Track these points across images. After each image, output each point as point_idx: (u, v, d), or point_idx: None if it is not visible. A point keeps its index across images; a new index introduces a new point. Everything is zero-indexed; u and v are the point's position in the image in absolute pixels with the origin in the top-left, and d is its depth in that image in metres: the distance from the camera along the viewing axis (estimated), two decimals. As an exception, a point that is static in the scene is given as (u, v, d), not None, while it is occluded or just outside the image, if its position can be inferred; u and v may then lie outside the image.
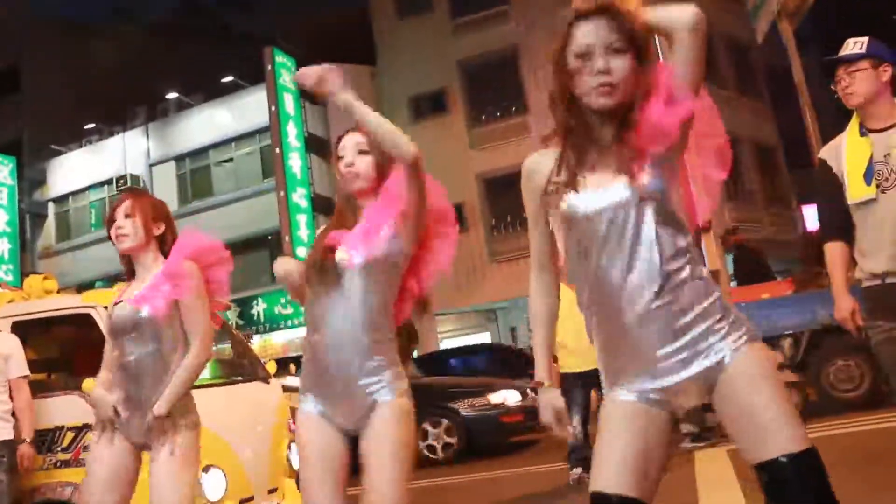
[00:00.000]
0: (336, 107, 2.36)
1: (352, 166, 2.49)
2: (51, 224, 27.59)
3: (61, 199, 27.50)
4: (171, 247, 3.06)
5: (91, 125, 27.40)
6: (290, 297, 2.67)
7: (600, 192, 1.79)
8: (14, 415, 4.63)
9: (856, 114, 3.20)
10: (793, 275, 8.73)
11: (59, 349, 5.94)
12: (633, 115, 1.79)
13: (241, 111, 24.13)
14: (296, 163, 21.93)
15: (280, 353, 20.43)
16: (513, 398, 9.60)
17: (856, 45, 3.18)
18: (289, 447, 5.60)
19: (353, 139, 2.53)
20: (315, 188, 22.01)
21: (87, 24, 31.40)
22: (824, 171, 3.26)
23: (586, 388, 5.99)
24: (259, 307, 22.66)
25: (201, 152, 25.27)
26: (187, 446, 2.90)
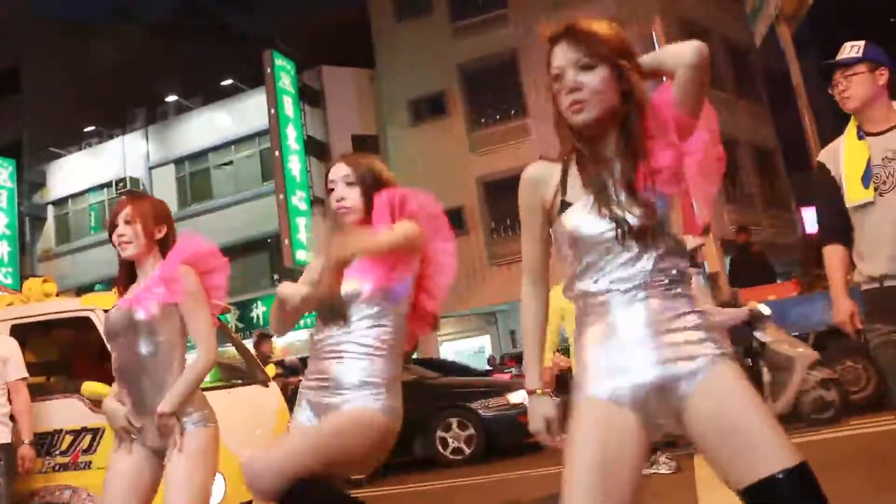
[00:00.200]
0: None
1: (342, 201, 2.55)
2: (50, 227, 27.59)
3: (61, 202, 27.51)
4: (170, 248, 3.05)
5: (90, 128, 27.43)
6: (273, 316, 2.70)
7: (606, 214, 1.80)
8: (13, 418, 4.63)
9: (853, 117, 3.21)
10: (797, 276, 8.71)
11: (58, 352, 5.94)
12: (635, 134, 1.81)
13: (241, 114, 24.16)
14: (295, 166, 21.94)
15: (280, 356, 20.40)
16: None
17: (852, 49, 3.19)
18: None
19: (340, 171, 2.58)
20: (314, 191, 22.01)
21: (87, 24, 31.43)
22: (823, 174, 3.27)
23: None
24: (259, 310, 22.64)
25: (201, 155, 25.29)
26: (199, 446, 2.85)
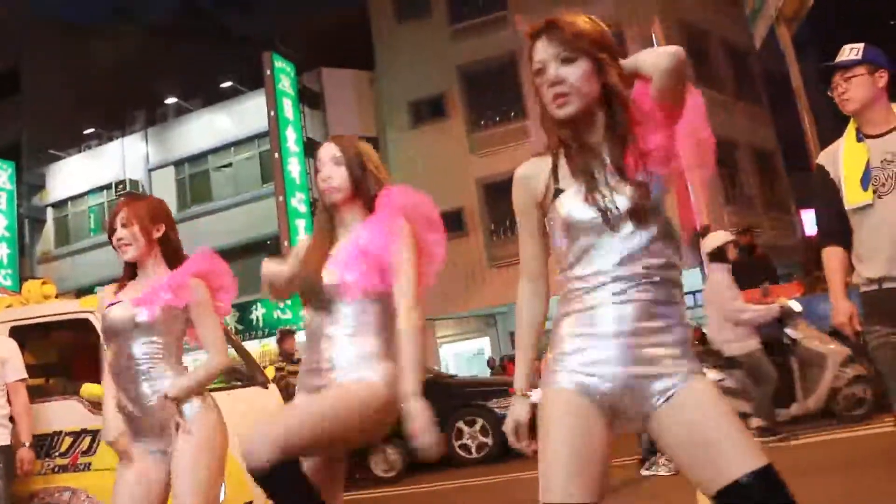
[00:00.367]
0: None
1: (329, 179, 2.53)
2: (49, 229, 27.58)
3: (60, 204, 27.50)
4: (174, 246, 3.08)
5: (90, 130, 27.42)
6: (271, 299, 2.71)
7: (598, 199, 1.80)
8: (12, 419, 4.62)
9: (853, 119, 3.22)
10: (799, 278, 8.70)
11: (57, 354, 5.94)
12: (621, 121, 1.82)
13: (241, 116, 24.16)
14: (295, 168, 21.94)
15: (279, 357, 20.39)
16: None
17: (852, 52, 3.19)
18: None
19: (329, 151, 2.57)
20: (314, 193, 21.98)
21: (87, 26, 31.39)
22: (822, 176, 3.27)
23: None
24: (258, 312, 22.64)
25: (200, 157, 25.29)
26: (203, 434, 2.88)
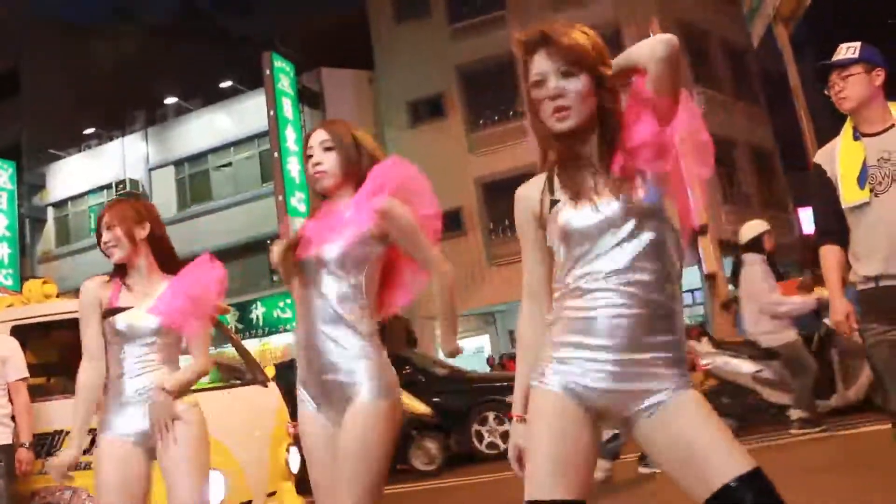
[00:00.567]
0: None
1: (319, 165, 2.50)
2: (50, 228, 27.60)
3: (61, 204, 27.52)
4: (162, 245, 3.12)
5: (90, 130, 27.43)
6: (290, 293, 2.67)
7: (595, 206, 1.80)
8: (13, 419, 4.63)
9: (849, 118, 3.23)
10: (802, 276, 8.63)
11: (58, 353, 5.94)
12: (617, 132, 1.81)
13: (240, 116, 24.17)
14: (294, 167, 21.94)
15: (279, 356, 20.43)
16: None
17: (849, 51, 3.21)
18: (288, 450, 5.61)
19: (319, 137, 2.54)
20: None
21: (87, 26, 31.41)
22: (819, 175, 3.29)
23: None
24: (258, 311, 22.67)
25: (200, 157, 25.31)
26: (195, 432, 2.95)
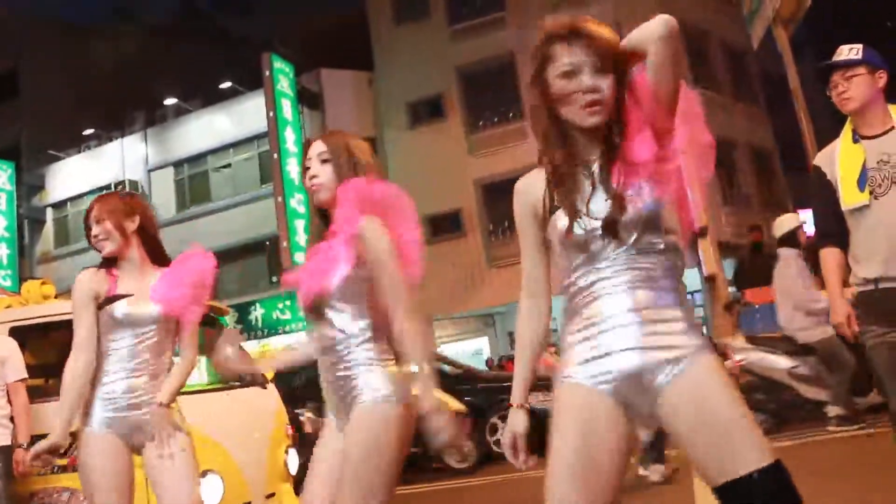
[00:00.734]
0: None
1: (315, 178, 2.51)
2: (49, 229, 27.58)
3: (60, 205, 27.51)
4: (151, 237, 3.15)
5: (89, 130, 27.42)
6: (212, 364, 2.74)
7: (592, 216, 1.80)
8: (12, 420, 4.62)
9: (849, 120, 3.23)
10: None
11: (56, 354, 5.93)
12: (619, 134, 1.81)
13: (240, 117, 24.17)
14: (293, 168, 21.92)
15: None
16: None
17: (851, 52, 3.20)
18: (286, 452, 5.60)
19: (316, 149, 2.55)
20: (313, 193, 21.98)
21: (86, 27, 31.37)
22: (818, 177, 3.29)
23: None
24: (257, 312, 22.64)
25: (199, 158, 25.31)
26: (189, 444, 2.99)
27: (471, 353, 23.23)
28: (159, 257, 3.16)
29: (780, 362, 6.93)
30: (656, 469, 5.83)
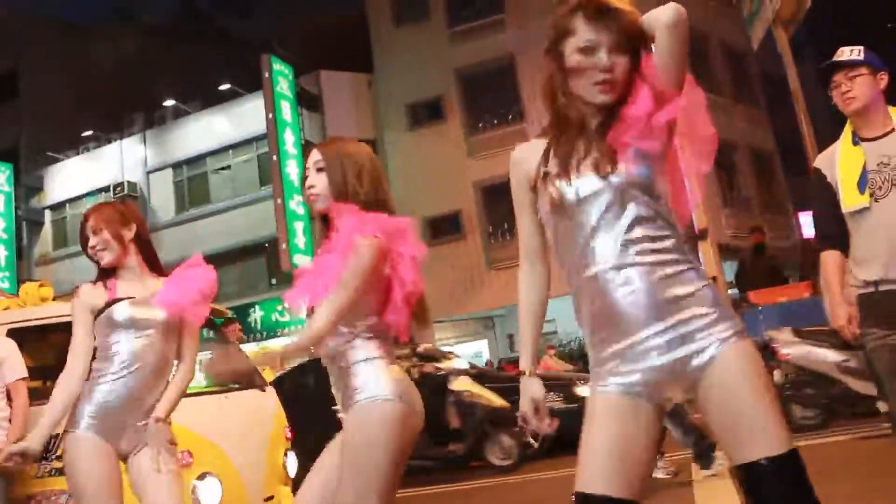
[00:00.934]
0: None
1: (312, 188, 2.53)
2: (47, 231, 27.58)
3: (58, 207, 27.50)
4: (148, 246, 3.15)
5: (88, 132, 27.43)
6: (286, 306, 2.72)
7: (588, 179, 1.81)
8: (10, 421, 4.61)
9: (849, 122, 3.22)
10: (810, 278, 8.56)
11: (55, 357, 5.92)
12: (622, 109, 1.81)
13: (239, 119, 24.17)
14: (293, 170, 21.93)
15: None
16: None
17: (853, 52, 3.20)
18: (285, 455, 5.59)
19: (313, 157, 2.57)
20: (312, 195, 21.98)
21: (85, 28, 31.37)
22: (819, 179, 3.28)
23: None
24: (256, 314, 22.64)
25: (199, 159, 25.31)
26: (175, 455, 3.02)
27: (470, 355, 23.22)
28: (155, 265, 3.17)
29: (829, 356, 6.80)
30: (662, 467, 5.86)
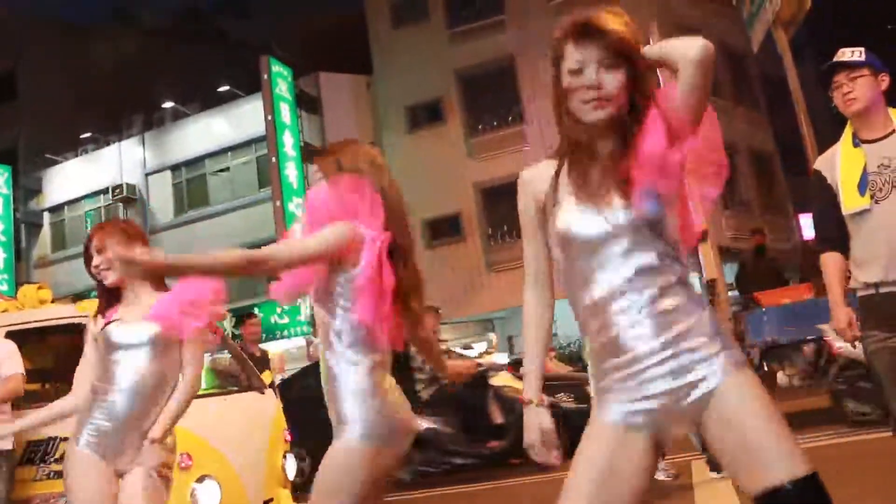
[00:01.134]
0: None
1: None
2: (46, 233, 27.54)
3: (57, 209, 27.48)
4: None
5: (87, 134, 27.41)
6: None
7: (597, 213, 1.79)
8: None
9: (849, 124, 3.21)
10: (812, 280, 8.53)
11: (53, 359, 5.92)
12: (633, 135, 1.79)
13: (238, 120, 24.16)
14: (292, 172, 21.93)
15: (277, 363, 20.36)
16: None
17: (854, 53, 3.19)
18: (284, 457, 5.58)
19: (312, 170, 2.59)
20: (312, 197, 22.00)
21: (85, 30, 31.35)
22: (819, 181, 3.27)
23: None
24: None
25: (197, 161, 25.28)
26: (167, 469, 2.98)
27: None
28: (159, 282, 3.13)
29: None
30: (663, 468, 5.83)
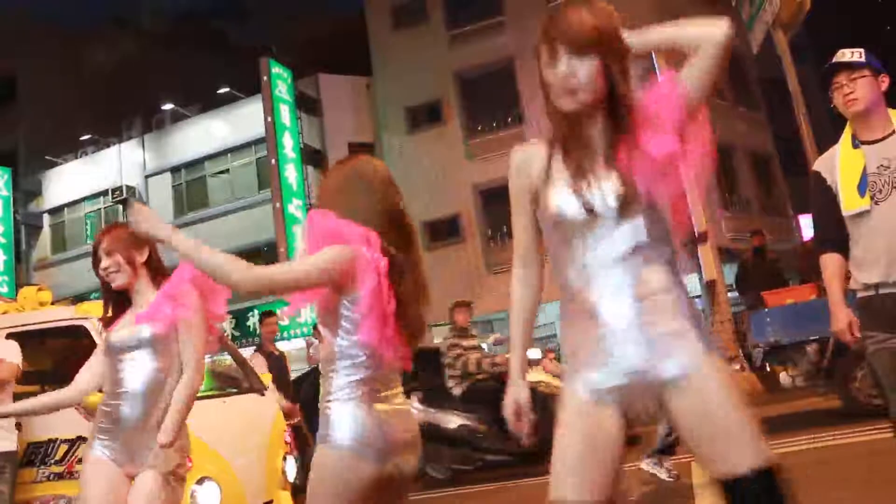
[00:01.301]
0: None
1: None
2: (46, 235, 27.55)
3: (56, 211, 27.48)
4: (160, 267, 3.10)
5: (87, 136, 27.42)
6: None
7: (587, 195, 1.81)
8: (19, 426, 4.63)
9: (848, 125, 3.21)
10: (815, 280, 8.55)
11: (52, 361, 5.92)
12: (622, 120, 1.81)
13: (237, 122, 24.17)
14: (291, 174, 21.94)
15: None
16: None
17: (854, 54, 3.19)
18: (284, 459, 5.58)
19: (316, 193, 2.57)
20: (311, 199, 22.03)
21: (84, 32, 31.42)
22: (818, 182, 3.27)
23: None
24: (255, 318, 22.59)
25: (197, 163, 25.29)
26: (173, 470, 2.95)
27: (469, 358, 23.17)
28: (162, 282, 3.08)
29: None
30: (668, 468, 5.83)
